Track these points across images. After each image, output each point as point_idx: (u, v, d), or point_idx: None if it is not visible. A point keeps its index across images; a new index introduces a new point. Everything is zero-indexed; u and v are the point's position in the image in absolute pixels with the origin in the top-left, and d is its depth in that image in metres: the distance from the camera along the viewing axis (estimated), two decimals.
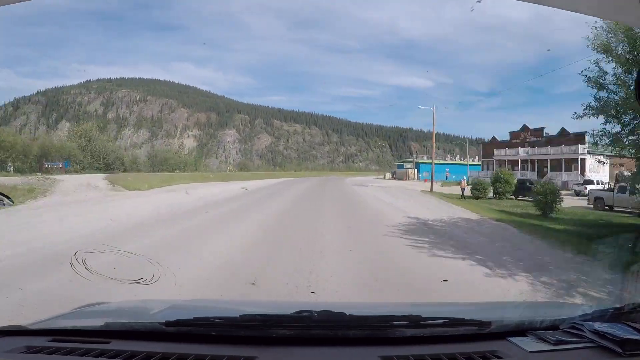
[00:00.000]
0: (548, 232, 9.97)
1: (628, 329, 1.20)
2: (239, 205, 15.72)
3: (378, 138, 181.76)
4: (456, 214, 14.14)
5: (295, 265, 5.84)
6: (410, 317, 1.31)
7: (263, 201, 17.88)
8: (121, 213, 12.18)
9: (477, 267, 6.09)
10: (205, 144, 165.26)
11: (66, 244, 6.76)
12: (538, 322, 1.36)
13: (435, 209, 15.64)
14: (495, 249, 7.78)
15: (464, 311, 1.76)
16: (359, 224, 11.10)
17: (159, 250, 6.57)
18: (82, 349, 1.20)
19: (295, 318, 1.31)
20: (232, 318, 1.34)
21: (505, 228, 10.86)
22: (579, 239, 8.90)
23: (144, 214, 12.01)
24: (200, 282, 4.96)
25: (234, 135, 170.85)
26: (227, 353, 1.16)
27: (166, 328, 1.27)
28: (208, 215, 12.00)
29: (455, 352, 1.17)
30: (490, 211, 15.23)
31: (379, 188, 31.36)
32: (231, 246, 7.34)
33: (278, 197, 20.22)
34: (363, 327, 1.33)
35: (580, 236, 9.43)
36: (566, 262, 6.74)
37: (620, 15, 1.23)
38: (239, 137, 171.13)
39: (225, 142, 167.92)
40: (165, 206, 14.47)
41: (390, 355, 1.15)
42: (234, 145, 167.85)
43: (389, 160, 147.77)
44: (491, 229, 10.69)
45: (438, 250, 7.35)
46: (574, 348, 1.19)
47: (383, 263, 6.36)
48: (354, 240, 8.30)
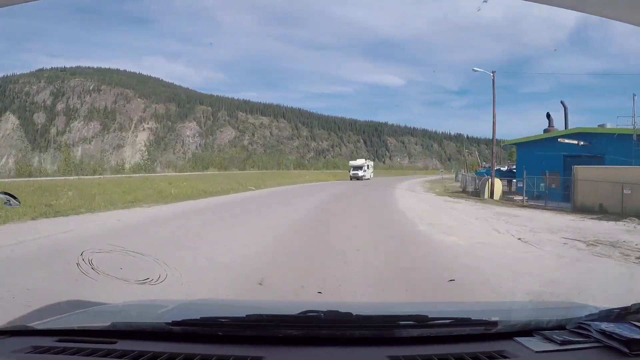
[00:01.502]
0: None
1: (635, 329, 1.21)
2: None
3: (352, 132, 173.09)
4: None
5: None
6: (417, 317, 1.31)
7: None
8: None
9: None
10: (162, 138, 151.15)
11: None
12: (545, 322, 1.36)
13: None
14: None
15: (471, 311, 1.77)
16: None
17: None
18: (89, 349, 1.21)
19: (302, 318, 1.31)
20: (238, 318, 1.34)
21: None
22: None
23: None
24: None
25: (195, 129, 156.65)
26: (234, 353, 1.16)
27: (173, 328, 1.28)
28: None
29: (462, 352, 1.17)
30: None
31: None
32: None
33: None
34: (370, 327, 1.33)
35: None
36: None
37: (627, 16, 1.25)
38: (200, 130, 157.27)
39: (185, 135, 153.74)
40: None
41: (398, 355, 1.15)
42: (194, 140, 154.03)
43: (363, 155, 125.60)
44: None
45: None
46: (581, 348, 1.19)
47: None
48: None
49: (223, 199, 18.91)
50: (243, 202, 17.22)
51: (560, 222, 12.35)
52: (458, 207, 16.78)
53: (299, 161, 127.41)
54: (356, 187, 31.51)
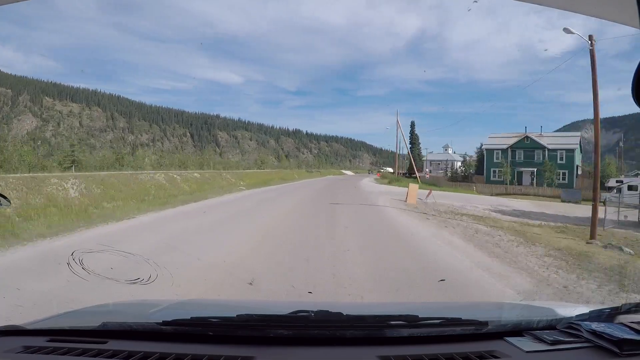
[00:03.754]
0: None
1: (625, 329, 1.21)
2: None
3: (178, 125, 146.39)
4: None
5: None
6: (408, 317, 1.31)
7: None
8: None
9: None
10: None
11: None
12: (535, 322, 1.37)
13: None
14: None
15: (461, 311, 1.78)
16: None
17: None
18: (80, 348, 1.20)
19: (292, 318, 1.32)
20: (229, 318, 1.33)
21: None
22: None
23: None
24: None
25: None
26: (225, 353, 1.16)
27: (163, 328, 1.28)
28: None
29: (452, 352, 1.17)
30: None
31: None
32: None
33: None
34: (360, 327, 1.33)
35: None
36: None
37: (620, 16, 1.26)
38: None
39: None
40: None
41: (388, 355, 1.15)
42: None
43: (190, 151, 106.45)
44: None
45: None
46: (571, 348, 1.19)
47: None
48: None
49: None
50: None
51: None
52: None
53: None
54: None
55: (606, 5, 1.26)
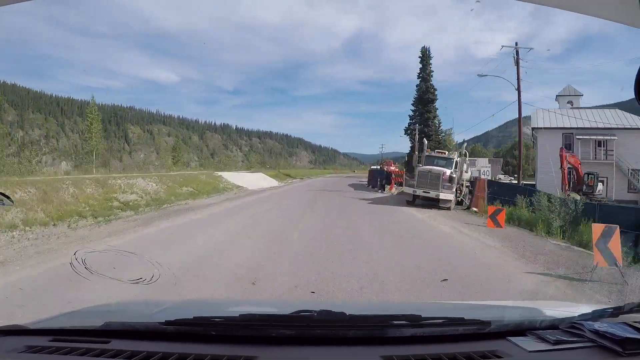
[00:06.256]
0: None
1: (628, 328, 1.21)
2: None
3: (80, 118, 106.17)
4: None
5: None
6: (410, 316, 1.31)
7: None
8: None
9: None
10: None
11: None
12: (538, 322, 1.36)
13: None
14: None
15: (464, 311, 1.78)
16: None
17: None
18: (82, 348, 1.20)
19: (295, 317, 1.31)
20: (231, 317, 1.34)
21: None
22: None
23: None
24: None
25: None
26: (227, 353, 1.16)
27: (166, 328, 1.27)
28: None
29: (455, 352, 1.17)
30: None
31: None
32: None
33: None
34: (363, 326, 1.33)
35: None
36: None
37: (620, 16, 1.25)
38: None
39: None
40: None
41: (391, 355, 1.15)
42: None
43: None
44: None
45: None
46: (574, 347, 1.19)
47: None
48: None
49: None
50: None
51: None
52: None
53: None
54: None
55: (607, 6, 1.27)
